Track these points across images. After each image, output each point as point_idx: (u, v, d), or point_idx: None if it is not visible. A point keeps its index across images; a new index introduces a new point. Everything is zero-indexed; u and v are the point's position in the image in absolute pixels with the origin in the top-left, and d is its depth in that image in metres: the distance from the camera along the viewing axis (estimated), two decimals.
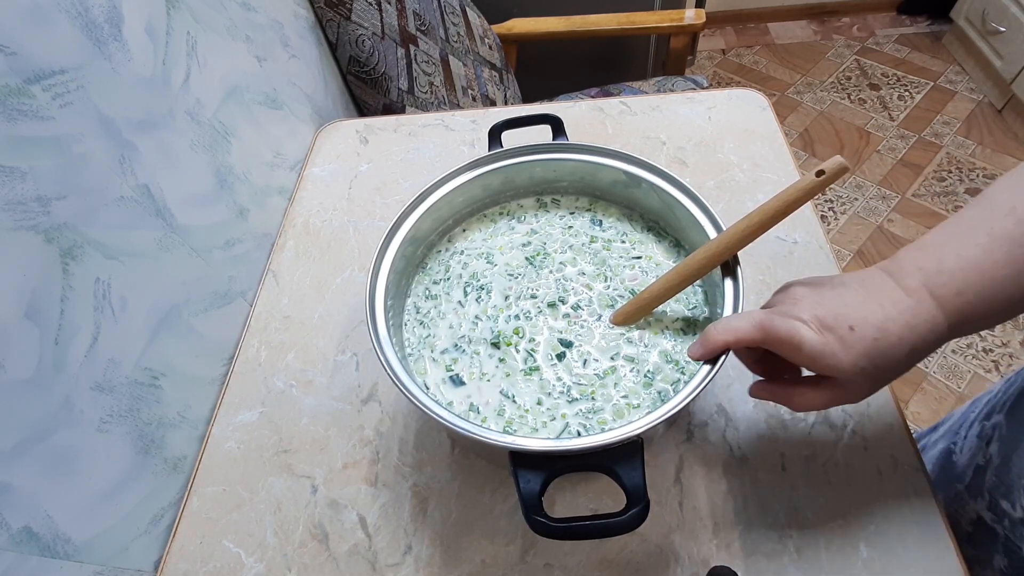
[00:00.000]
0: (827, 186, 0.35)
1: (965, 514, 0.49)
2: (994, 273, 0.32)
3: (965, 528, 0.48)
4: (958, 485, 0.51)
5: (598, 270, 0.49)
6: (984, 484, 0.47)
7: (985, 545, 0.46)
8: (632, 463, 0.35)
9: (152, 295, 0.48)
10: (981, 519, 0.47)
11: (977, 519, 0.47)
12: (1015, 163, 1.75)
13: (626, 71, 1.56)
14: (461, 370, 0.45)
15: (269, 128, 0.69)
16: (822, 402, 0.36)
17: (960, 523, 0.49)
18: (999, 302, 0.32)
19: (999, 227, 0.33)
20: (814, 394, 0.36)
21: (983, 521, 0.47)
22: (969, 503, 0.49)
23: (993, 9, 1.82)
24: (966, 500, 0.49)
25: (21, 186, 0.37)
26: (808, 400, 0.36)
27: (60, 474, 0.39)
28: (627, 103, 0.76)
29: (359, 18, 0.86)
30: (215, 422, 0.54)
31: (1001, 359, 1.39)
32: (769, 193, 0.39)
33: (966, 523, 0.48)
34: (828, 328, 0.33)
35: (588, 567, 0.44)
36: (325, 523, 0.48)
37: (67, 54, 0.42)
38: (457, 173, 0.50)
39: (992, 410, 0.51)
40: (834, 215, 1.72)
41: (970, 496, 0.49)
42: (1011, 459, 0.44)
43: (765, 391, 0.39)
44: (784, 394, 0.37)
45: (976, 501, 0.48)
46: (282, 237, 0.67)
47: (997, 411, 0.49)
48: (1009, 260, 0.32)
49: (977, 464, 0.49)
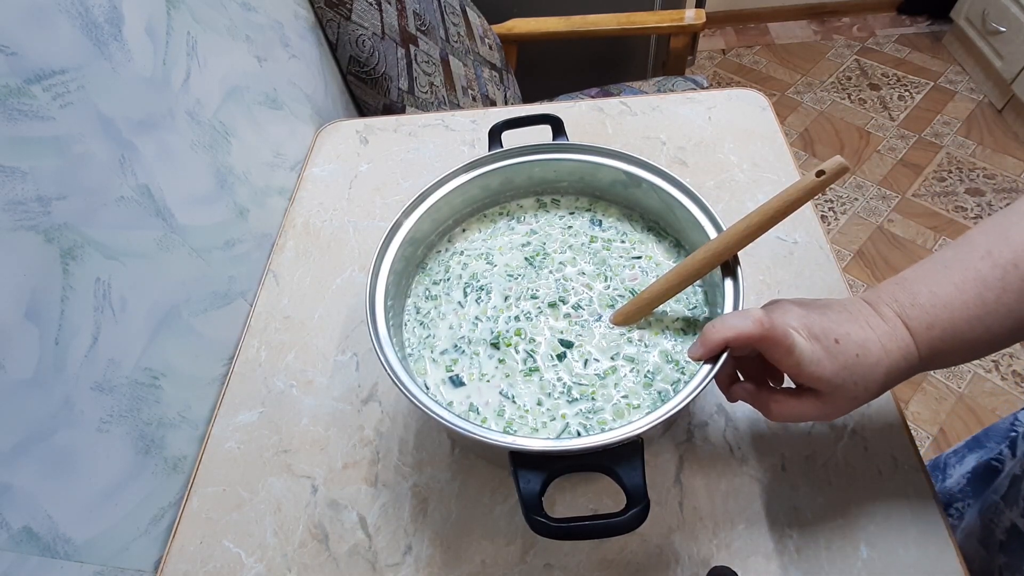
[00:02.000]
0: (827, 186, 0.35)
1: (1000, 522, 0.48)
2: (964, 312, 0.34)
3: (999, 536, 0.48)
4: (993, 496, 0.51)
5: (598, 270, 0.49)
6: (1020, 493, 0.47)
7: (1017, 553, 0.46)
8: (632, 463, 0.35)
9: (152, 295, 0.48)
10: (1015, 527, 0.47)
11: (1011, 527, 0.47)
12: (1015, 163, 1.75)
13: (626, 71, 1.56)
14: (461, 371, 0.45)
15: (269, 128, 0.69)
16: (799, 412, 0.37)
17: (994, 532, 0.49)
18: (967, 340, 0.34)
19: (973, 269, 0.34)
20: (793, 403, 0.37)
21: (1017, 529, 0.46)
22: (1004, 512, 0.48)
23: (993, 9, 1.82)
24: (1002, 509, 0.49)
25: (21, 186, 0.37)
26: (786, 408, 0.37)
27: (60, 474, 0.39)
28: (627, 103, 0.76)
29: (359, 18, 0.86)
30: (215, 422, 0.54)
31: (1001, 359, 1.39)
32: (769, 193, 0.39)
33: (1000, 531, 0.48)
34: (816, 338, 0.34)
35: (588, 567, 0.44)
36: (325, 523, 0.48)
37: (67, 54, 0.42)
38: (457, 173, 0.50)
39: None
40: (834, 215, 1.72)
41: (1006, 505, 0.48)
42: None
43: (745, 392, 0.39)
44: (763, 398, 0.38)
45: (1011, 510, 0.48)
46: (282, 237, 0.67)
47: None
48: (979, 302, 0.33)
49: (1014, 474, 0.49)
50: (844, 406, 0.36)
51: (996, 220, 0.36)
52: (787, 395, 0.37)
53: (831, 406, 0.36)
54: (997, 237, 0.34)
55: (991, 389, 1.35)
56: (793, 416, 0.37)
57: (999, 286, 0.33)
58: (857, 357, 0.34)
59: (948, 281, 0.35)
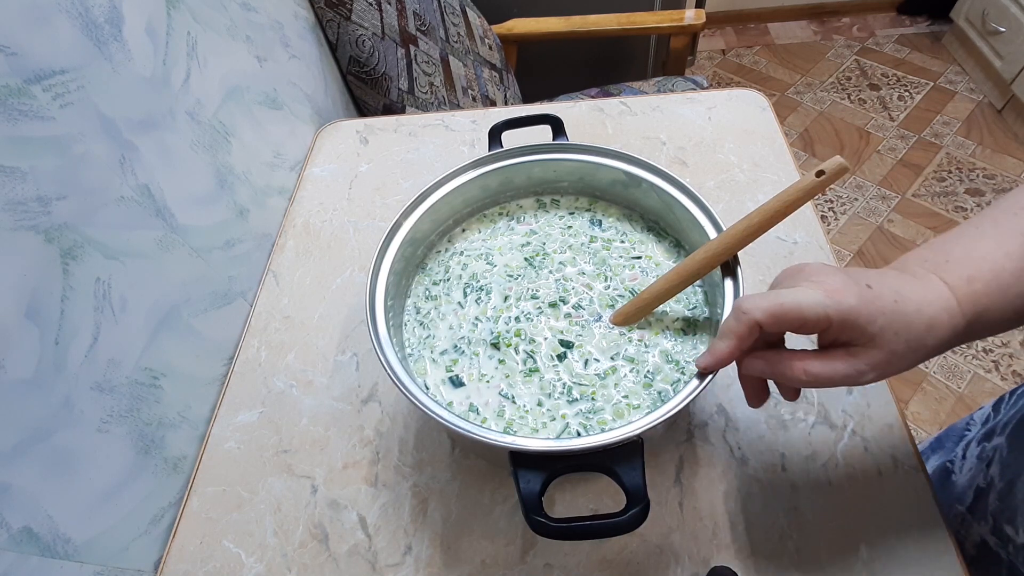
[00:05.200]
0: (827, 186, 0.35)
1: (969, 537, 0.48)
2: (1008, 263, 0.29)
3: (969, 551, 0.48)
4: (959, 506, 0.51)
5: (598, 270, 0.49)
6: (987, 507, 0.47)
7: (989, 569, 0.46)
8: (632, 463, 0.35)
9: (152, 295, 0.48)
10: (985, 543, 0.47)
11: (981, 543, 0.47)
12: (1015, 163, 1.76)
13: (626, 71, 1.56)
14: (461, 371, 0.45)
15: (269, 128, 0.69)
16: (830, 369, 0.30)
17: (964, 545, 0.49)
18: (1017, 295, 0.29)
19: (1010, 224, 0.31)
20: (821, 361, 0.31)
21: (987, 545, 0.46)
22: (973, 526, 0.48)
23: (993, 9, 1.82)
24: (970, 523, 0.49)
25: (21, 186, 0.37)
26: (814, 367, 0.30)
27: (60, 474, 0.39)
28: (627, 103, 0.76)
29: (359, 18, 0.86)
30: (215, 422, 0.54)
31: (1001, 359, 1.39)
32: (769, 193, 0.39)
33: (970, 546, 0.48)
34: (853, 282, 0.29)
35: (588, 567, 0.44)
36: (325, 523, 0.48)
37: (67, 54, 0.42)
38: (457, 173, 0.50)
39: (992, 431, 0.50)
40: (834, 215, 1.72)
41: (974, 519, 0.48)
42: (1015, 484, 0.44)
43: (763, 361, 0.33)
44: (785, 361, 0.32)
45: (980, 524, 0.47)
46: (282, 237, 0.67)
47: (998, 433, 0.49)
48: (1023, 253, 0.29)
49: (978, 486, 0.49)
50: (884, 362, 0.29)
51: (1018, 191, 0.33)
52: (812, 354, 0.31)
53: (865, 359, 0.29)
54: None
55: (991, 389, 1.35)
56: (823, 375, 0.30)
57: None
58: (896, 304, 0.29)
59: (984, 236, 0.31)
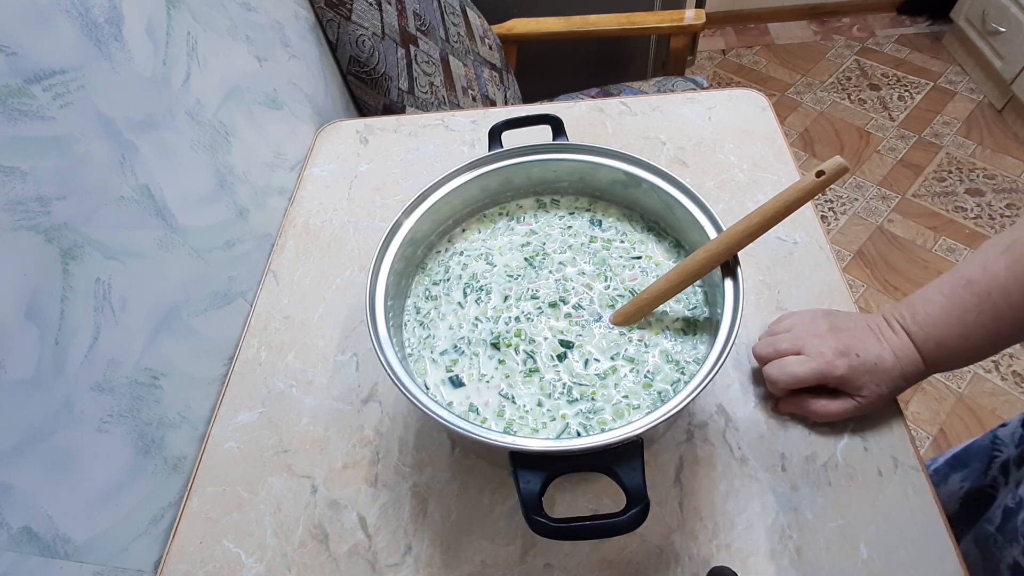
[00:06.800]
0: (827, 186, 0.35)
1: (1003, 558, 0.49)
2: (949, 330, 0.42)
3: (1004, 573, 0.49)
4: (988, 527, 0.52)
5: (598, 270, 0.49)
6: (1018, 529, 0.48)
7: None
8: (632, 463, 0.35)
9: (152, 295, 0.48)
10: (1018, 564, 0.48)
11: (1014, 564, 0.48)
12: (1015, 163, 1.75)
13: (626, 71, 1.56)
14: (461, 371, 0.45)
15: (269, 128, 0.69)
16: (840, 410, 0.46)
17: (999, 567, 0.50)
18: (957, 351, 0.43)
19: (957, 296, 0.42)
20: (835, 404, 0.46)
21: (1020, 567, 0.47)
22: (1006, 547, 0.49)
23: (993, 9, 1.82)
24: (1002, 544, 0.50)
25: (21, 186, 0.37)
26: (831, 409, 0.46)
27: (60, 474, 0.39)
28: (627, 103, 0.76)
29: (359, 18, 0.86)
30: (215, 422, 0.54)
31: (1001, 359, 1.39)
32: (769, 193, 0.39)
33: (1004, 567, 0.49)
34: (843, 354, 0.45)
35: (588, 567, 0.44)
36: (325, 523, 0.48)
37: (67, 54, 0.42)
38: (457, 173, 0.50)
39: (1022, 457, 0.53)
40: (834, 215, 1.72)
41: (1006, 540, 0.49)
42: None
43: (794, 404, 0.48)
44: (809, 405, 0.47)
45: (1012, 546, 0.48)
46: (282, 237, 0.67)
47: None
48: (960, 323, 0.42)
49: (1007, 506, 0.50)
50: (874, 400, 0.45)
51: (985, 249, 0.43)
52: (828, 399, 0.46)
53: (863, 403, 0.45)
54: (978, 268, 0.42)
55: (991, 389, 1.35)
56: (836, 414, 0.46)
57: (976, 310, 0.41)
58: (876, 365, 0.44)
59: (938, 304, 0.43)
